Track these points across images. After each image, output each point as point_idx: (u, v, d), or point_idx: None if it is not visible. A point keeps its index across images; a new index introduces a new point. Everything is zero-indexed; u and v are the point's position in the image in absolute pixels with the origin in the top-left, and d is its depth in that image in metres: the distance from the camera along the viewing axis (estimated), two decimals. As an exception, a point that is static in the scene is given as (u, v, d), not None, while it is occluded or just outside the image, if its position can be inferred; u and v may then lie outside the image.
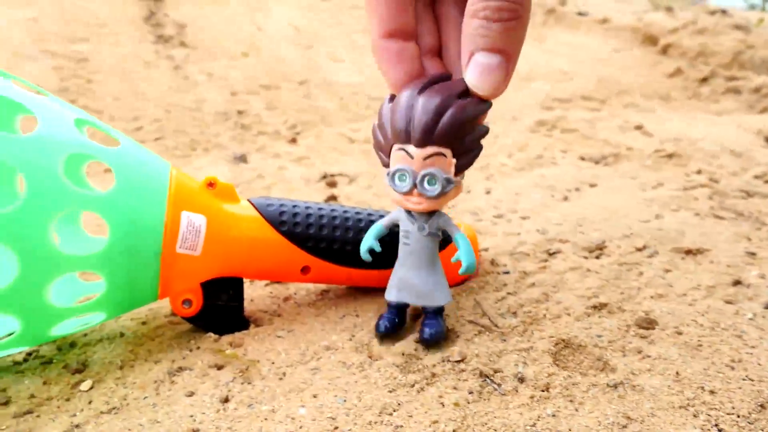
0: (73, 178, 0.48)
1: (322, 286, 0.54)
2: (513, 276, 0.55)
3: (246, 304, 0.51)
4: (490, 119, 1.07)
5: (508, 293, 0.52)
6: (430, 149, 0.37)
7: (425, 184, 0.38)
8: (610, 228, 0.63)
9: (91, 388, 0.42)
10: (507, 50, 0.36)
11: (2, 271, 0.47)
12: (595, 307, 0.49)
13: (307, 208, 0.48)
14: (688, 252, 0.58)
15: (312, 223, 0.47)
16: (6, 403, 0.41)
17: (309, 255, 0.47)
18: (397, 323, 0.44)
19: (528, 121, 1.03)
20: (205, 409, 0.38)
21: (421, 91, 0.38)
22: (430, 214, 0.41)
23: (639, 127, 0.96)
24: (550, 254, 0.59)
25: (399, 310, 0.45)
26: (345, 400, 0.39)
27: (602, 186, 0.76)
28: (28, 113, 0.41)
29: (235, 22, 1.42)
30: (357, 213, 0.49)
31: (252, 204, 0.47)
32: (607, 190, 0.74)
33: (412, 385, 0.40)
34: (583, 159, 0.86)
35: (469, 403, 0.38)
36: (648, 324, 0.47)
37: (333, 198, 0.73)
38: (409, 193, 0.39)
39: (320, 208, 0.49)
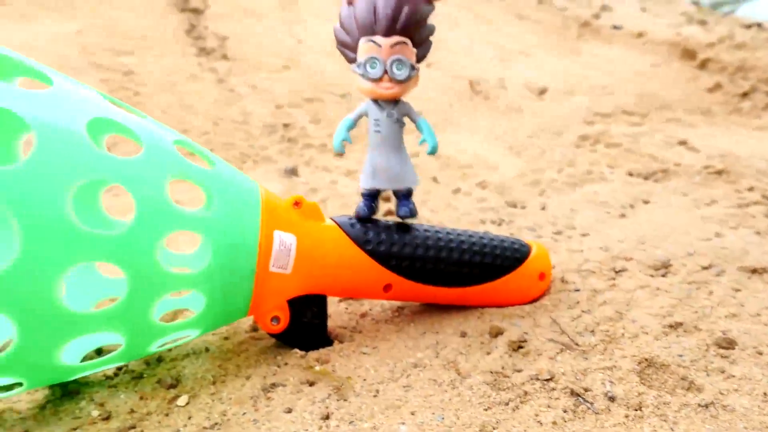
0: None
1: (397, 303, 0.55)
2: (584, 294, 0.55)
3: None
4: (533, 133, 1.08)
5: (582, 311, 0.52)
6: (396, 38, 0.43)
7: (395, 69, 0.44)
8: (672, 246, 0.63)
9: (188, 403, 0.43)
10: None
11: (111, 289, 0.49)
12: (671, 326, 0.50)
13: (388, 227, 0.49)
14: (754, 271, 0.58)
15: (395, 242, 0.48)
16: (107, 418, 0.42)
17: (392, 273, 0.48)
18: (373, 207, 0.49)
19: (571, 136, 1.03)
20: (307, 426, 0.39)
21: None
22: (396, 102, 0.46)
23: (683, 143, 0.97)
24: (617, 272, 0.59)
25: (372, 196, 0.49)
26: (443, 418, 0.40)
27: (656, 203, 0.76)
28: (125, 133, 0.42)
29: (275, 35, 1.44)
30: (437, 231, 0.50)
31: (336, 222, 0.49)
32: (662, 207, 0.75)
33: (507, 403, 0.41)
34: (631, 175, 0.87)
35: (565, 421, 0.39)
36: (727, 344, 0.47)
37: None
38: (380, 79, 0.44)
39: (401, 227, 0.50)
